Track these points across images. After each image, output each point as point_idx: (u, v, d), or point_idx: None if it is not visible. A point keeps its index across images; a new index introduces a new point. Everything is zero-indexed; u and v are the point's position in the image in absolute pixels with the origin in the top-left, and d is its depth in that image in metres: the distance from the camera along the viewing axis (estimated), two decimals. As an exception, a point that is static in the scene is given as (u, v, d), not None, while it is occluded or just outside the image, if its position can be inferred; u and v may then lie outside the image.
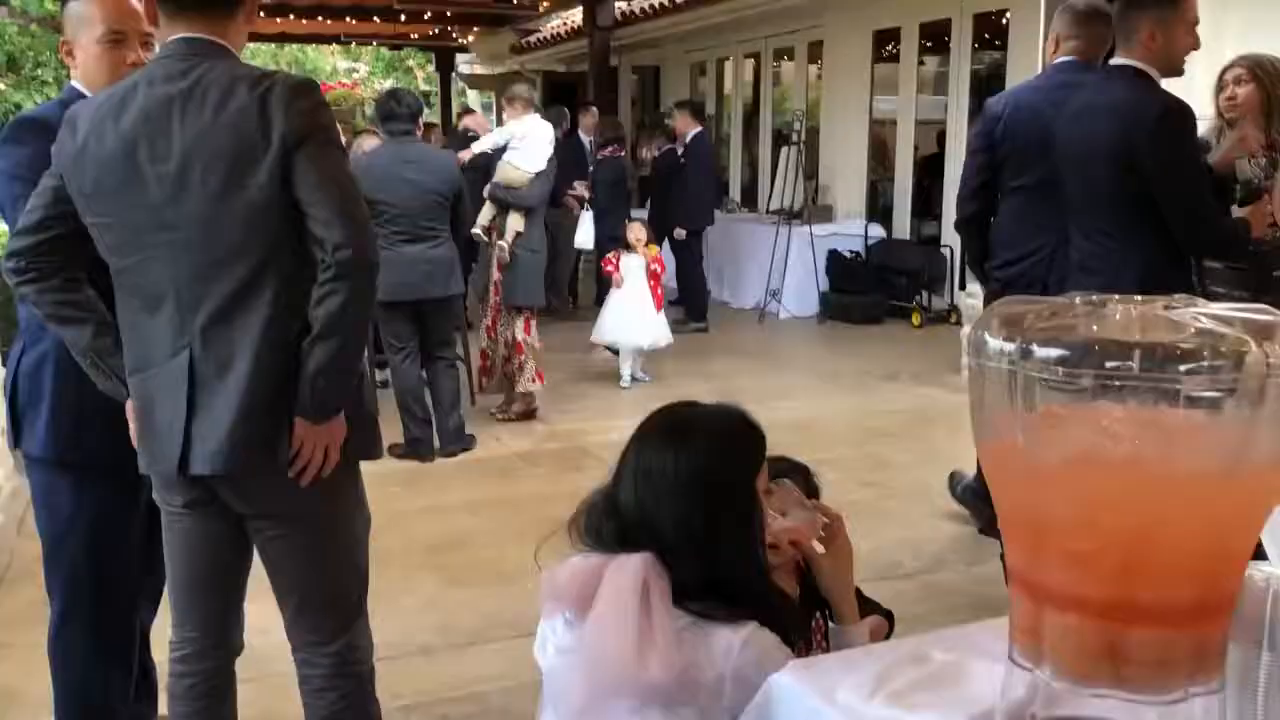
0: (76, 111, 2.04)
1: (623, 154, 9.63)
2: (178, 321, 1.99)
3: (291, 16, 14.30)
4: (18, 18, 4.73)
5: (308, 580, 2.16)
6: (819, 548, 1.81)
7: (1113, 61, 3.22)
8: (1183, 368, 0.99)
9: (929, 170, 9.80)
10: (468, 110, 11.41)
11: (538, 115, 6.32)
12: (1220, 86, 3.65)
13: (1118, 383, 1.01)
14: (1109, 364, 1.01)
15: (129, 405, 2.11)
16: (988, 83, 9.08)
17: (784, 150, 9.98)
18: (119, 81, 2.11)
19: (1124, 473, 1.01)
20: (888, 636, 1.90)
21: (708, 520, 1.61)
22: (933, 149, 9.85)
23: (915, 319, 9.00)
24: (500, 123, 7.96)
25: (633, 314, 6.76)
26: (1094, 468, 1.03)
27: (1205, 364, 0.98)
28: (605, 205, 8.88)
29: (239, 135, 1.92)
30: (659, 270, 6.91)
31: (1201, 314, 1.07)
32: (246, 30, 2.12)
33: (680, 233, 9.04)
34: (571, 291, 9.80)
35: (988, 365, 1.11)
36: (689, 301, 9.06)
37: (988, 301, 4.07)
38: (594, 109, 10.34)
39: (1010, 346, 1.08)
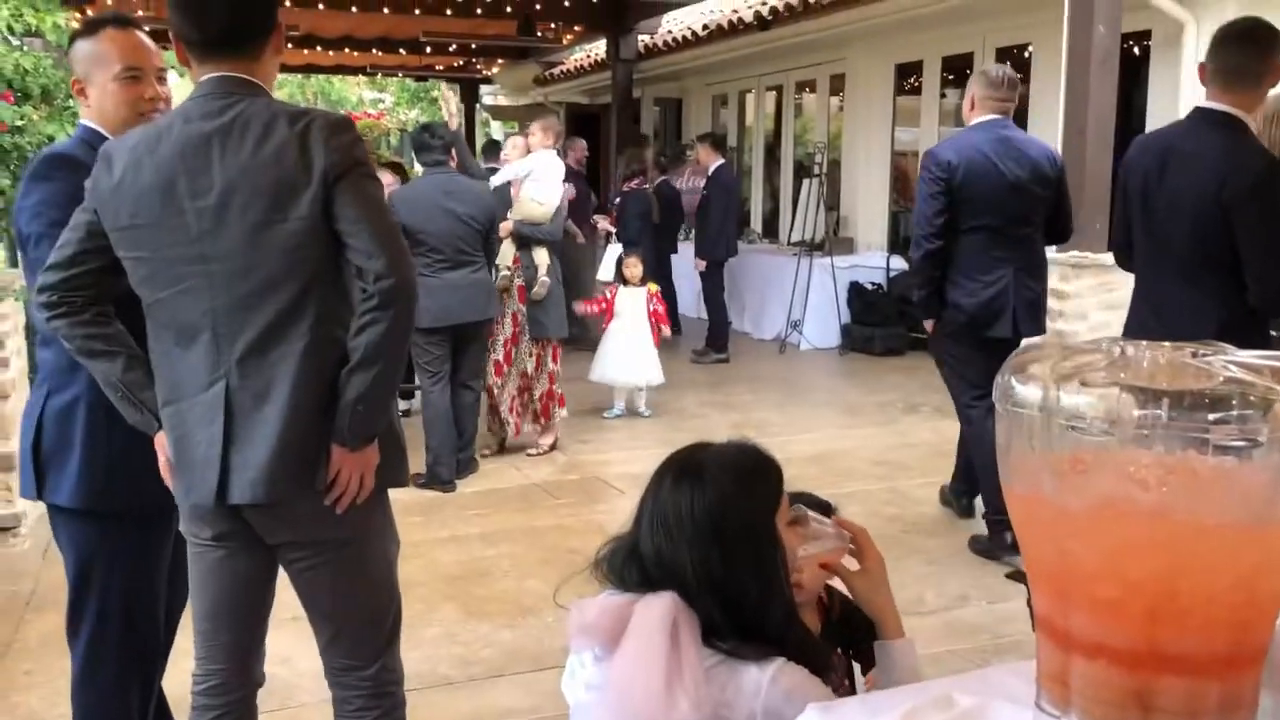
0: (112, 148, 2.07)
1: (647, 186, 9.68)
2: (214, 353, 2.02)
3: (319, 48, 14.50)
4: (52, 51, 4.80)
5: (344, 607, 2.19)
6: (853, 565, 1.80)
7: (1210, 106, 3.23)
8: (1211, 416, 0.99)
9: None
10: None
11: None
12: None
13: (1145, 431, 1.01)
14: (1137, 412, 1.02)
15: (159, 437, 2.12)
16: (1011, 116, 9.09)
17: (805, 182, 10.01)
18: (142, 118, 2.19)
19: (1152, 521, 1.01)
20: None
21: (727, 561, 1.60)
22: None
23: (937, 352, 8.96)
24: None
25: (627, 350, 6.67)
26: (1121, 515, 1.03)
27: (1234, 413, 0.99)
28: (634, 238, 8.89)
29: (280, 170, 1.97)
30: (660, 308, 6.83)
31: (1230, 361, 1.08)
32: (277, 63, 2.16)
33: (700, 264, 9.08)
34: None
35: (1015, 411, 1.11)
36: (710, 332, 9.08)
37: (951, 328, 4.53)
38: (580, 141, 10.43)
39: (1038, 393, 1.08)
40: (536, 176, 6.11)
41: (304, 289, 2.01)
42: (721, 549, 1.60)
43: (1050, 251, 6.10)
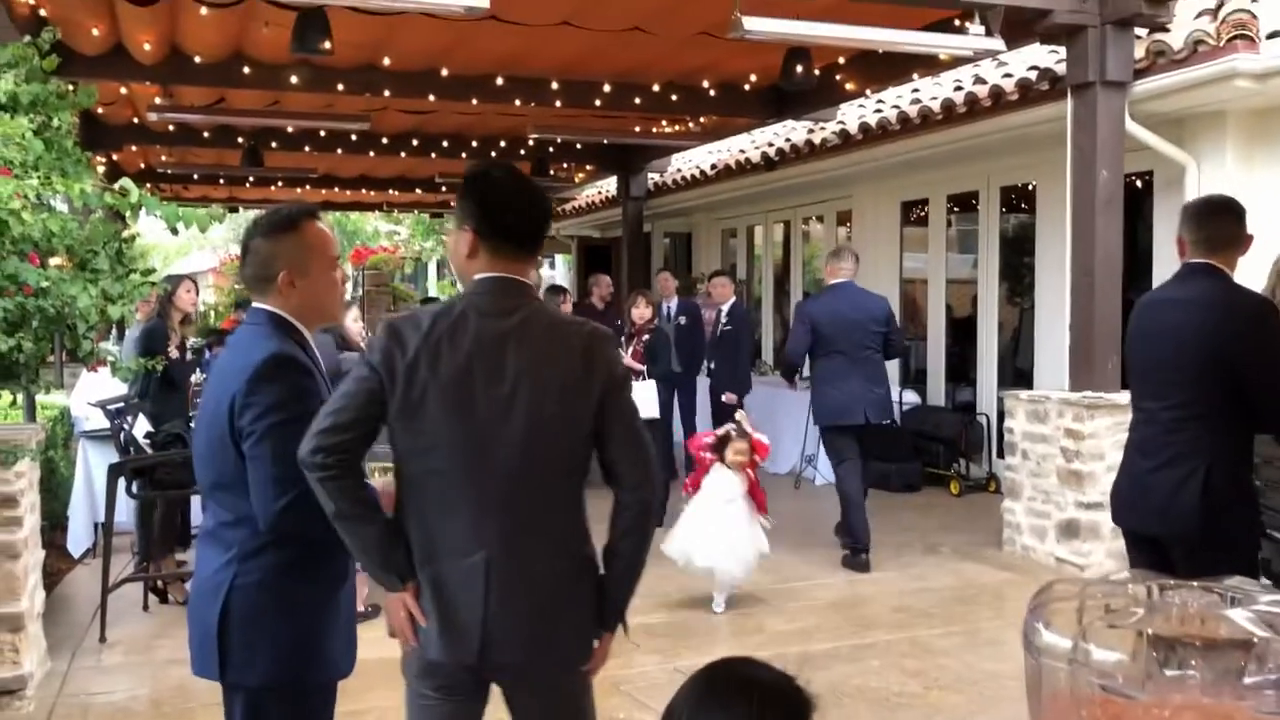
0: (402, 327, 2.26)
1: (666, 325, 9.71)
2: (478, 526, 2.22)
3: (336, 188, 14.88)
4: (78, 213, 4.93)
5: None
6: None
7: (1197, 261, 3.47)
8: (1247, 680, 0.97)
9: (961, 333, 9.85)
10: None
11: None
12: None
13: (1178, 691, 0.99)
14: (1169, 672, 0.99)
15: (406, 594, 2.25)
16: (1018, 244, 9.22)
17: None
18: (342, 300, 2.56)
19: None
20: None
21: None
22: (965, 311, 9.91)
23: (954, 488, 8.91)
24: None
25: (721, 530, 5.63)
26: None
27: (1271, 677, 0.96)
28: (665, 373, 8.86)
29: (567, 373, 2.25)
30: (757, 486, 5.87)
31: (1261, 612, 1.06)
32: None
33: (732, 398, 9.06)
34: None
35: (1044, 662, 1.09)
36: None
37: (825, 419, 6.79)
38: (604, 278, 10.53)
39: (1067, 644, 1.06)
40: None
41: (568, 480, 2.29)
42: None
43: (1064, 393, 6.28)
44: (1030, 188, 8.90)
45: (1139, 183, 7.79)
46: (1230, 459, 3.32)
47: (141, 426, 6.29)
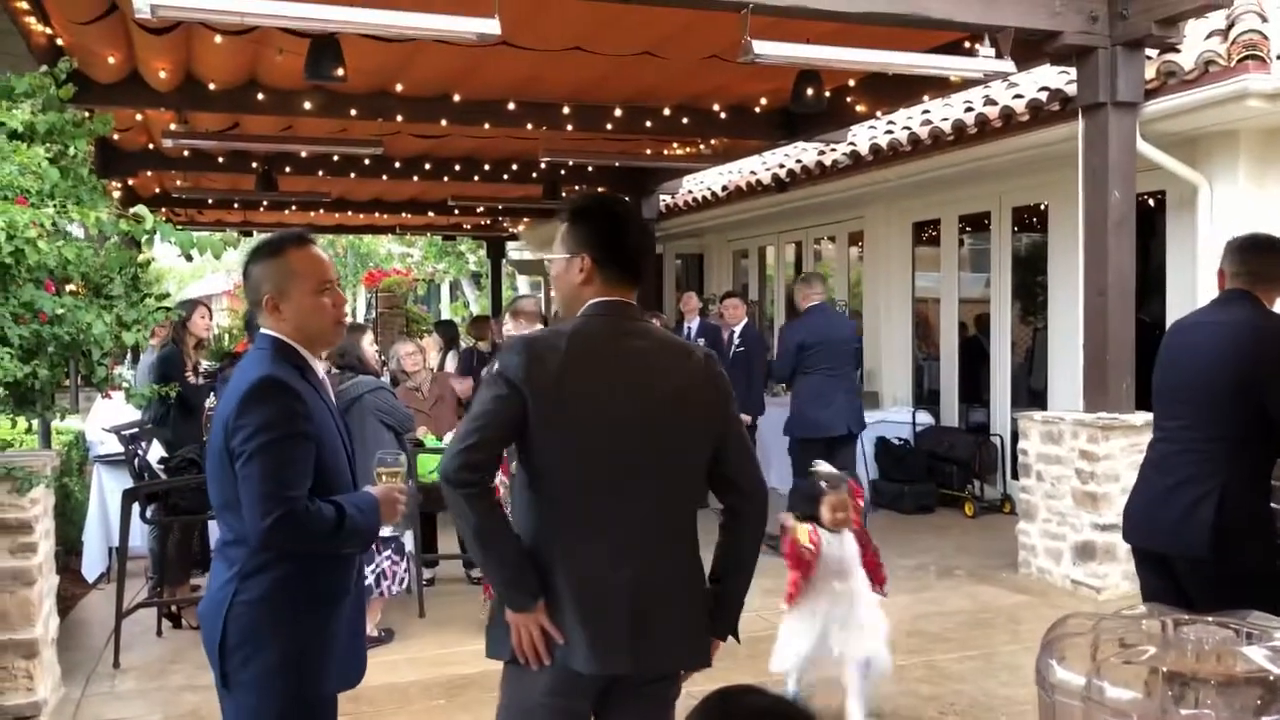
0: (538, 345, 2.35)
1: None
2: (625, 540, 2.32)
3: (349, 212, 14.95)
4: (93, 241, 4.96)
5: None
6: None
7: (1235, 287, 3.50)
8: (1264, 719, 0.96)
9: (973, 352, 9.82)
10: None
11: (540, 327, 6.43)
12: None
13: (1195, 729, 0.98)
14: (1184, 710, 0.99)
15: (539, 614, 2.30)
16: (1030, 264, 9.20)
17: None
18: (338, 325, 2.59)
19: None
20: None
21: None
22: (978, 330, 9.88)
23: (968, 509, 8.86)
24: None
25: (849, 612, 4.25)
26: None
27: (1286, 717, 0.95)
28: None
29: (701, 390, 2.40)
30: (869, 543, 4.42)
31: (1277, 648, 1.05)
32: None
33: (747, 419, 9.05)
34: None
35: (1059, 700, 1.08)
36: None
37: (807, 431, 7.48)
38: None
39: (1081, 681, 1.06)
40: None
41: (695, 493, 2.43)
42: None
43: (1078, 414, 6.49)
44: (1042, 207, 8.89)
45: (1151, 202, 7.78)
46: (1247, 482, 3.30)
47: (155, 452, 6.31)
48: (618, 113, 8.93)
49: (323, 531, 2.40)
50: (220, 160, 10.78)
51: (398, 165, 11.37)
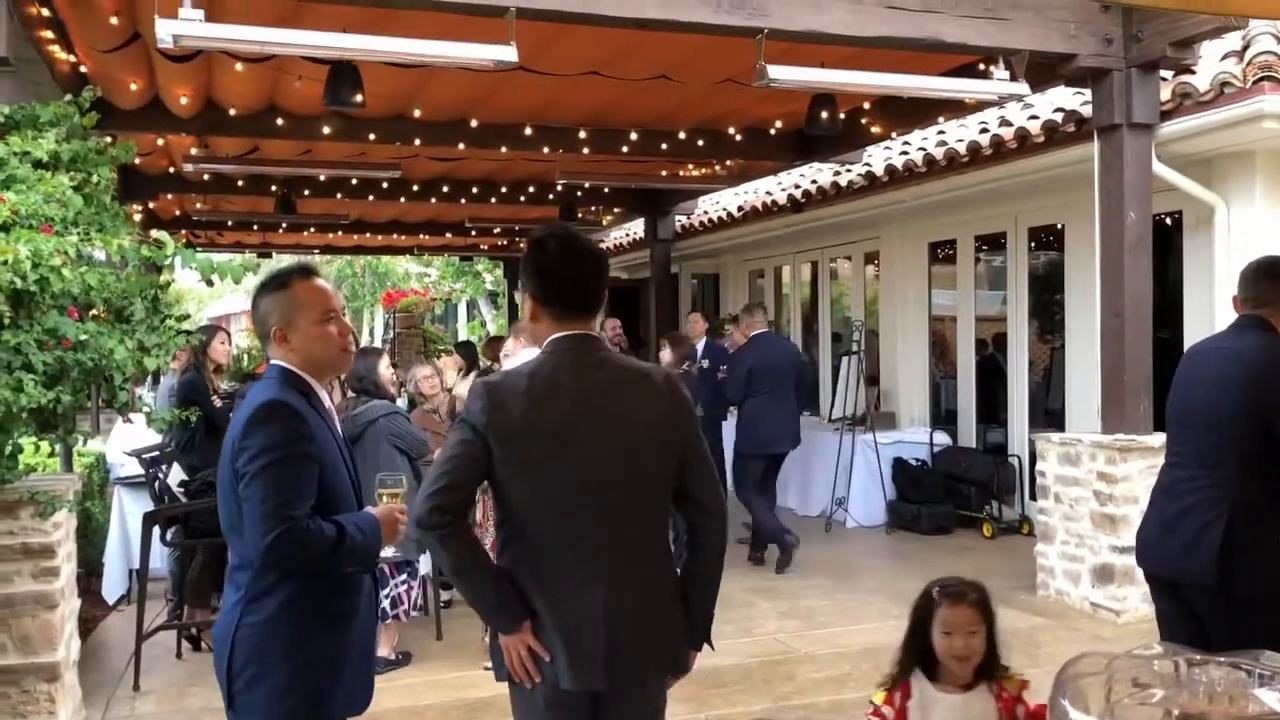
0: (498, 389, 2.43)
1: (695, 370, 9.68)
2: (593, 563, 2.41)
3: (368, 234, 15.05)
4: (115, 267, 5.03)
5: None
6: None
7: (1249, 313, 3.48)
8: (1275, 763, 0.97)
9: (991, 371, 9.79)
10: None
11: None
12: None
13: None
14: (1197, 753, 0.99)
15: (525, 634, 2.41)
16: (1046, 283, 9.17)
17: (845, 360, 10.05)
18: (344, 353, 2.66)
19: None
20: None
21: None
22: (993, 348, 9.85)
23: (987, 530, 8.83)
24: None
25: None
26: None
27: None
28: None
29: (660, 414, 2.48)
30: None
31: (1289, 690, 1.06)
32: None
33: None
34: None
35: (1070, 741, 1.09)
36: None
37: (755, 448, 8.12)
38: (611, 320, 10.57)
39: (1093, 723, 1.06)
40: None
41: (662, 511, 2.55)
42: None
43: (1095, 435, 6.52)
44: (1059, 227, 8.88)
45: (1168, 221, 7.77)
46: (1256, 508, 3.29)
47: (176, 475, 6.35)
48: (633, 136, 8.98)
49: (323, 549, 2.44)
50: (240, 183, 10.88)
51: (415, 188, 11.45)
